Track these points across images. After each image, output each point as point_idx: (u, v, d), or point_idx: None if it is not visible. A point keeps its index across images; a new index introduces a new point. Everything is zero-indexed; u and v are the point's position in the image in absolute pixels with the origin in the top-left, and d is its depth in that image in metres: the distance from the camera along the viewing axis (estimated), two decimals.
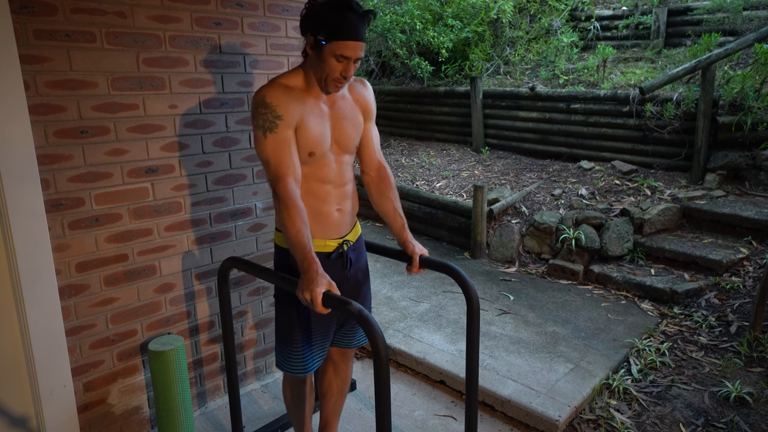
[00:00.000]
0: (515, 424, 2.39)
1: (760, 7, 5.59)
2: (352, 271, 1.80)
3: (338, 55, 1.51)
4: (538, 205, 4.57)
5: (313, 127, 1.62)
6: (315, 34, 1.52)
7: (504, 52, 6.75)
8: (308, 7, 1.55)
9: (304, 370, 1.77)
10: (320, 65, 1.55)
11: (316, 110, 1.64)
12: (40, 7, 1.75)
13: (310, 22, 1.54)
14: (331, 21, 1.49)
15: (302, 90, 1.63)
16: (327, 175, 1.69)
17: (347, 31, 1.49)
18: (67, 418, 1.98)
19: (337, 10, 1.49)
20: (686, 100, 4.53)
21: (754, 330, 2.86)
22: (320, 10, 1.51)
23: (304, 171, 1.66)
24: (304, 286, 1.45)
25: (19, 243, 1.78)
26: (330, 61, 1.53)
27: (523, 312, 3.34)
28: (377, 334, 1.33)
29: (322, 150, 1.65)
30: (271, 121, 1.55)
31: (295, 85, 1.62)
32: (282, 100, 1.56)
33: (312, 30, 1.53)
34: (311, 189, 1.68)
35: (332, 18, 1.48)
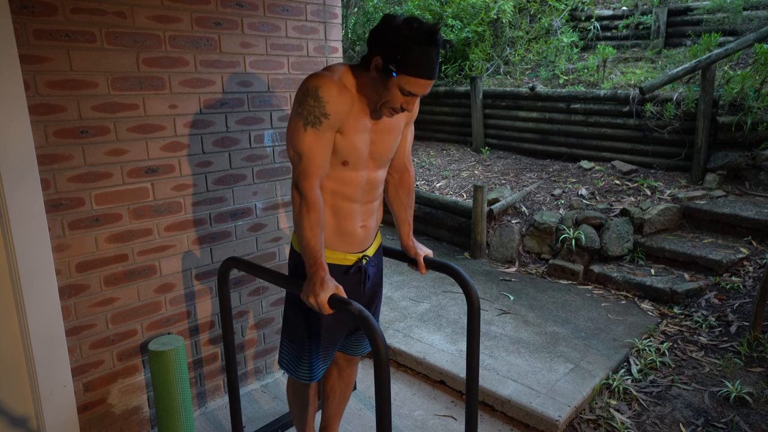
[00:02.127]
0: (515, 424, 2.39)
1: (760, 7, 5.59)
2: (369, 284, 1.76)
3: (406, 90, 1.40)
4: (538, 205, 4.57)
5: (355, 136, 1.52)
6: (387, 60, 1.38)
7: (504, 52, 6.75)
8: (385, 26, 1.39)
9: (309, 378, 1.74)
10: (381, 91, 1.43)
11: (362, 121, 1.53)
12: (40, 7, 1.75)
13: (384, 45, 1.38)
14: (409, 55, 1.35)
15: (353, 96, 1.51)
16: (354, 193, 1.61)
17: (424, 70, 1.37)
18: (67, 418, 1.98)
19: (420, 44, 1.34)
20: (686, 100, 4.53)
21: (754, 330, 2.86)
22: (400, 38, 1.35)
23: (331, 186, 1.57)
24: (310, 290, 1.45)
25: (19, 243, 1.78)
26: (394, 91, 1.41)
27: (523, 312, 3.34)
28: (377, 335, 1.33)
29: (357, 163, 1.56)
30: (317, 116, 1.44)
31: (349, 86, 1.50)
32: (334, 98, 1.44)
33: (385, 54, 1.38)
34: (337, 206, 1.60)
35: (412, 51, 1.34)
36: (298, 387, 1.87)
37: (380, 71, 1.41)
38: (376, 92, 1.46)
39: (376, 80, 1.43)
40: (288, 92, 2.50)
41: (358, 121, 1.52)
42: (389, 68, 1.37)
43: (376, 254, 1.80)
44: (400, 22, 1.37)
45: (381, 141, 1.59)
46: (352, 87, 1.50)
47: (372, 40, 1.43)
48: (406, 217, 1.86)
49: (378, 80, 1.43)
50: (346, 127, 1.50)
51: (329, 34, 2.60)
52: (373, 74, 1.43)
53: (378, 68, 1.41)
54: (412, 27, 1.35)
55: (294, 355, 1.75)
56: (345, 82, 1.49)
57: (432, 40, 1.35)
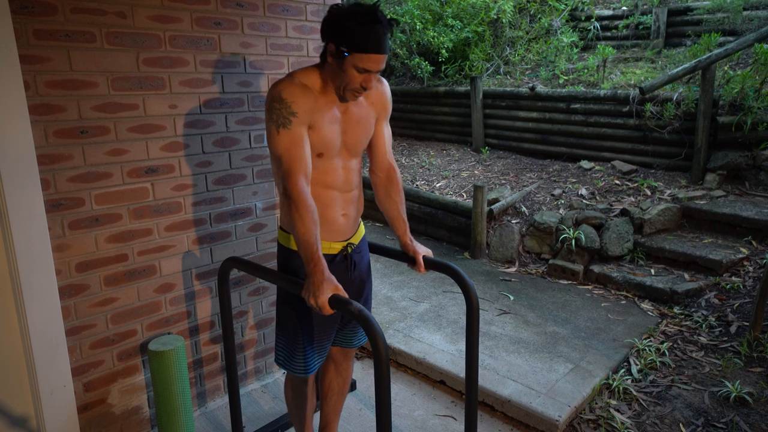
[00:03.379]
0: (515, 424, 2.39)
1: (760, 7, 5.59)
2: (355, 272, 1.80)
3: (360, 67, 1.49)
4: (538, 205, 4.57)
5: (325, 129, 1.60)
6: (337, 44, 1.48)
7: (504, 52, 6.75)
8: (332, 15, 1.51)
9: (305, 371, 1.77)
10: (340, 74, 1.53)
11: (329, 114, 1.61)
12: (40, 7, 1.75)
13: (333, 31, 1.50)
14: (355, 33, 1.45)
15: (317, 91, 1.60)
16: (333, 181, 1.68)
17: (372, 45, 1.47)
18: (67, 418, 1.98)
19: (363, 23, 1.45)
20: (686, 100, 4.53)
21: (754, 330, 2.86)
22: (344, 21, 1.46)
23: (311, 175, 1.63)
24: (311, 290, 1.45)
25: (19, 243, 1.78)
26: (351, 72, 1.50)
27: (523, 312, 3.34)
28: (377, 334, 1.33)
29: (331, 153, 1.64)
30: (285, 116, 1.53)
31: (311, 85, 1.60)
32: (297, 97, 1.54)
33: (335, 39, 1.49)
34: (317, 194, 1.67)
35: (357, 31, 1.45)
36: (296, 383, 1.87)
37: (335, 56, 1.51)
38: (337, 78, 1.55)
39: (334, 67, 1.53)
40: None
41: (326, 114, 1.61)
42: (341, 50, 1.48)
43: (361, 244, 1.85)
44: (344, 9, 1.49)
45: (352, 131, 1.68)
46: (314, 83, 1.60)
47: (323, 31, 1.54)
48: (399, 214, 1.88)
49: (336, 66, 1.53)
50: (315, 121, 1.58)
51: None
52: (330, 62, 1.54)
53: (333, 54, 1.52)
54: (354, 11, 1.46)
55: (288, 349, 1.78)
56: (305, 81, 1.59)
57: (373, 17, 1.46)
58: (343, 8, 1.50)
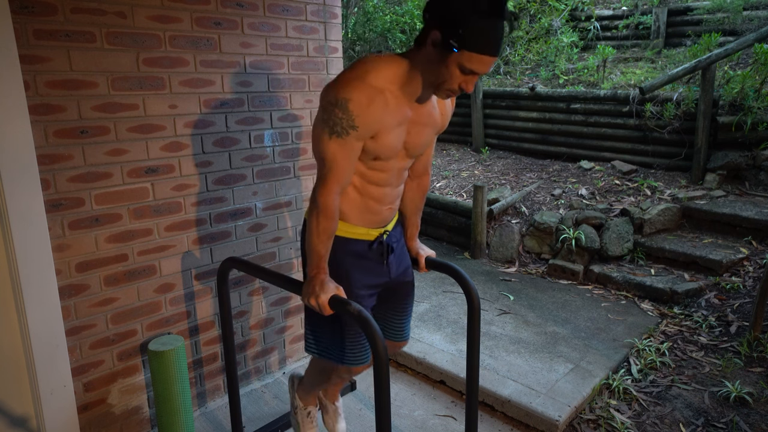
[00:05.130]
0: (515, 424, 2.39)
1: (760, 7, 5.59)
2: (392, 257, 1.71)
3: (467, 68, 1.26)
4: (538, 205, 4.57)
5: (390, 135, 1.43)
6: (446, 35, 1.22)
7: (504, 52, 6.75)
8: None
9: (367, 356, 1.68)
10: (438, 69, 1.30)
11: (399, 116, 1.42)
12: (40, 7, 1.75)
13: (444, 17, 1.22)
14: (474, 28, 1.20)
15: (393, 91, 1.38)
16: (386, 180, 1.56)
17: (489, 45, 1.23)
18: (67, 418, 1.98)
19: (487, 16, 1.19)
20: (686, 100, 4.53)
21: (754, 330, 2.86)
22: (464, 9, 1.19)
23: (361, 170, 1.51)
24: (311, 291, 1.45)
25: (19, 243, 1.78)
26: (453, 69, 1.27)
27: (523, 312, 3.34)
28: (377, 335, 1.33)
29: (389, 156, 1.49)
30: (344, 127, 1.35)
31: (386, 85, 1.36)
32: (364, 109, 1.33)
33: (444, 26, 1.22)
34: (367, 190, 1.56)
35: (477, 25, 1.19)
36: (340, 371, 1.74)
37: (438, 47, 1.26)
38: (431, 71, 1.32)
39: (433, 57, 1.29)
40: (288, 92, 2.50)
41: (396, 117, 1.41)
42: (449, 43, 1.22)
43: (396, 229, 1.77)
44: None
45: (417, 133, 1.50)
46: (392, 81, 1.37)
47: (429, 10, 1.27)
48: (416, 220, 1.86)
49: (435, 57, 1.28)
50: (380, 131, 1.40)
51: (329, 34, 2.60)
52: (429, 50, 1.29)
53: (435, 44, 1.26)
54: None
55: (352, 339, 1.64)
56: (380, 82, 1.36)
57: (499, 10, 1.20)
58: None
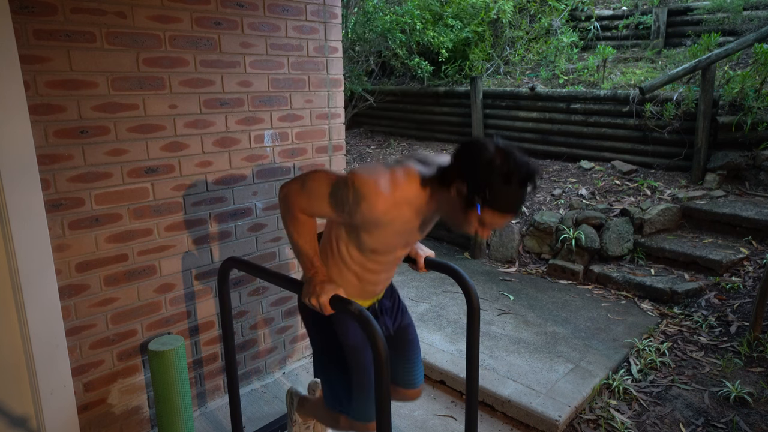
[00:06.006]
0: (515, 424, 2.39)
1: (760, 7, 5.59)
2: (384, 318, 1.74)
3: (487, 222, 1.31)
4: (538, 205, 4.57)
5: (389, 238, 1.45)
6: (473, 191, 1.26)
7: (504, 52, 6.75)
8: (478, 158, 1.26)
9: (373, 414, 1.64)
10: (458, 214, 1.33)
11: (409, 226, 1.44)
12: (40, 7, 1.75)
13: (474, 177, 1.26)
14: (499, 194, 1.24)
15: (408, 210, 1.39)
16: (384, 268, 1.58)
17: (512, 208, 1.28)
18: (67, 418, 1.98)
19: (511, 184, 1.24)
20: (686, 100, 4.53)
21: (754, 330, 2.86)
22: (493, 176, 1.24)
23: (361, 260, 1.53)
24: (311, 291, 1.46)
25: (19, 243, 1.78)
26: (473, 219, 1.31)
27: (523, 312, 3.34)
28: (377, 335, 1.33)
29: (387, 252, 1.52)
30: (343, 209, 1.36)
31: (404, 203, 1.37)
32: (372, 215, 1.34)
33: (472, 184, 1.26)
34: (365, 277, 1.57)
35: (502, 191, 1.24)
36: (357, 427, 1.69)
37: (460, 196, 1.30)
38: (449, 212, 1.37)
39: (454, 202, 1.33)
40: (288, 92, 2.50)
41: (407, 226, 1.43)
42: (473, 201, 1.27)
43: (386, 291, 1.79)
44: (494, 154, 1.25)
45: (419, 234, 1.52)
46: (410, 202, 1.38)
47: (459, 164, 1.30)
48: None
49: (456, 203, 1.32)
50: (378, 233, 1.42)
51: (329, 34, 2.60)
52: (453, 195, 1.32)
53: (460, 193, 1.30)
54: (508, 166, 1.24)
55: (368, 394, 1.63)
56: (399, 200, 1.36)
57: (525, 179, 1.25)
58: (492, 153, 1.25)
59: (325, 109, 2.68)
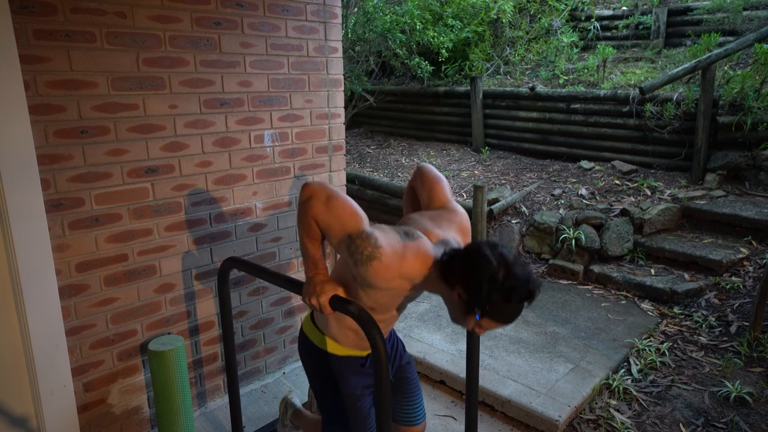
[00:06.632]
0: (515, 424, 2.39)
1: (760, 7, 5.59)
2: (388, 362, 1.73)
3: (483, 325, 1.32)
4: (538, 205, 4.57)
5: (388, 299, 1.47)
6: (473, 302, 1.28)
7: (504, 52, 6.75)
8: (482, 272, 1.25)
9: None
10: (457, 312, 1.35)
11: (405, 294, 1.46)
12: (40, 7, 1.75)
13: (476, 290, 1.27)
14: (497, 307, 1.26)
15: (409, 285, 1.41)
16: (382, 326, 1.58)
17: (509, 319, 1.30)
18: (67, 418, 1.98)
19: (512, 301, 1.25)
20: (686, 100, 4.53)
21: (754, 330, 2.86)
22: (496, 293, 1.24)
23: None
24: (311, 291, 1.46)
25: (19, 243, 1.78)
26: (470, 321, 1.33)
27: (522, 312, 3.34)
28: (377, 335, 1.33)
29: (384, 311, 1.53)
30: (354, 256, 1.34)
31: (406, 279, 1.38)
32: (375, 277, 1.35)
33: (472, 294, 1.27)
34: (361, 334, 1.57)
35: (501, 306, 1.26)
36: None
37: (462, 301, 1.31)
38: (448, 303, 1.38)
39: (454, 301, 1.34)
40: (288, 92, 2.50)
41: (399, 294, 1.44)
42: (473, 310, 1.29)
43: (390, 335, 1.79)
44: (497, 269, 1.25)
45: (412, 296, 1.53)
46: (412, 279, 1.39)
47: (462, 272, 1.30)
48: None
49: (456, 302, 1.34)
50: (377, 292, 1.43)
51: (329, 34, 2.60)
52: (453, 295, 1.34)
53: (461, 298, 1.31)
54: (509, 283, 1.24)
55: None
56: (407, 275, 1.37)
57: (524, 296, 1.26)
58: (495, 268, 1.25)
59: (325, 109, 2.68)
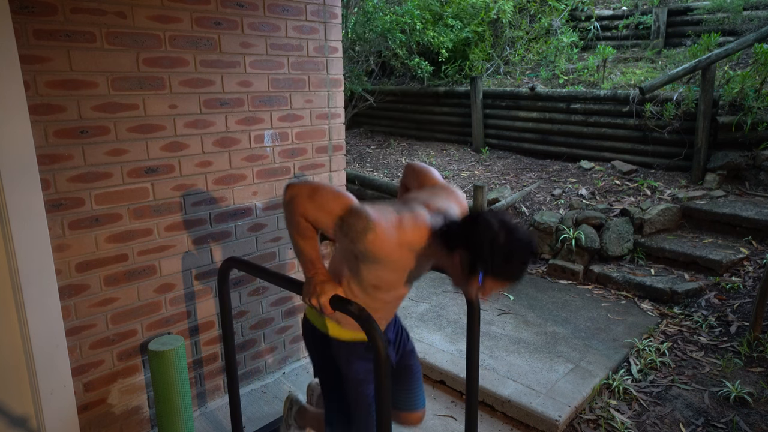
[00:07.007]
0: (515, 424, 2.39)
1: (760, 7, 5.59)
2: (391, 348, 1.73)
3: (486, 288, 1.34)
4: (538, 205, 4.57)
5: (392, 275, 1.45)
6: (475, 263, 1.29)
7: (504, 52, 6.75)
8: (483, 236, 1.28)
9: None
10: (460, 277, 1.36)
11: (408, 268, 1.45)
12: (40, 7, 1.75)
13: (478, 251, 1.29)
14: (499, 267, 1.29)
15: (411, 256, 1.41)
16: (383, 306, 1.57)
17: (512, 278, 1.32)
18: (67, 418, 1.98)
19: (513, 261, 1.29)
20: (686, 100, 4.53)
21: (754, 330, 2.86)
22: (497, 254, 1.27)
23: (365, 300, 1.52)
24: (311, 291, 1.46)
25: (19, 243, 1.78)
26: (474, 284, 1.34)
27: (523, 312, 3.34)
28: (377, 335, 1.33)
29: (389, 289, 1.52)
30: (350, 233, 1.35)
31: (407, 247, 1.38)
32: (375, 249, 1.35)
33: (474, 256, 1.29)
34: None
35: (503, 266, 1.28)
36: None
37: (463, 264, 1.33)
38: (450, 269, 1.39)
39: (456, 266, 1.35)
40: (288, 92, 2.50)
41: (402, 267, 1.44)
42: (475, 271, 1.30)
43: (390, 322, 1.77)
44: (497, 232, 1.28)
45: (423, 265, 1.52)
46: (412, 248, 1.39)
47: (463, 235, 1.32)
48: None
49: (458, 267, 1.35)
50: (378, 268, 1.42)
51: (329, 34, 2.61)
52: (455, 260, 1.35)
53: (463, 262, 1.33)
54: (510, 244, 1.27)
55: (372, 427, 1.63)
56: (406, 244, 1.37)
57: (529, 257, 1.31)
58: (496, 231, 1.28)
59: (325, 109, 2.68)
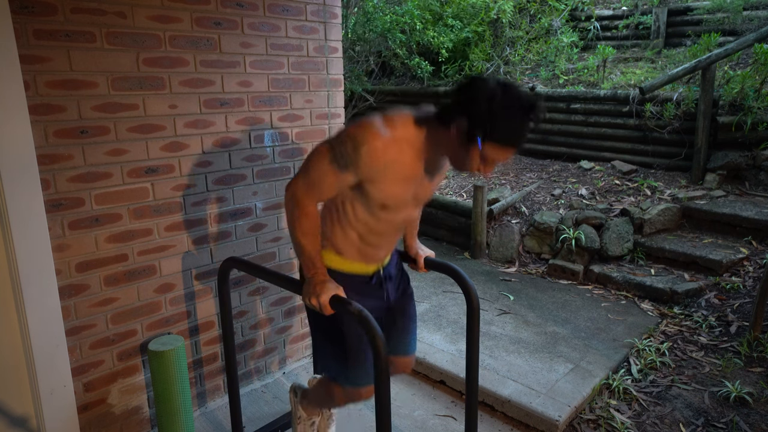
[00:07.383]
0: (515, 424, 2.39)
1: (760, 7, 5.59)
2: (389, 285, 1.73)
3: (489, 157, 1.29)
4: (538, 205, 4.57)
5: (396, 187, 1.42)
6: (472, 127, 1.24)
7: (504, 52, 6.75)
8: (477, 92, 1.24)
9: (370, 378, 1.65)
10: (459, 152, 1.32)
11: (410, 172, 1.42)
12: (40, 7, 1.75)
13: (473, 111, 1.24)
14: (501, 125, 1.23)
15: (410, 150, 1.38)
16: (386, 230, 1.55)
17: (514, 140, 1.26)
18: (67, 418, 1.98)
19: (513, 114, 1.22)
20: (686, 100, 4.53)
21: (754, 330, 2.86)
22: (494, 107, 1.22)
23: (368, 221, 1.50)
24: (311, 291, 1.46)
25: (19, 243, 1.78)
26: (474, 156, 1.29)
27: (523, 312, 3.34)
28: (377, 334, 1.33)
29: (397, 206, 1.48)
30: (347, 163, 1.35)
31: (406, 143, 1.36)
32: (373, 158, 1.33)
33: (472, 118, 1.24)
34: (369, 239, 1.55)
35: (505, 123, 1.22)
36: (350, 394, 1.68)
37: (461, 133, 1.28)
38: (451, 151, 1.35)
39: (455, 140, 1.31)
40: (288, 92, 2.50)
41: (406, 172, 1.41)
42: (474, 135, 1.25)
43: (392, 257, 1.78)
44: (494, 87, 1.23)
45: (429, 185, 1.51)
46: (411, 143, 1.37)
47: (457, 101, 1.28)
48: (417, 216, 1.86)
49: (457, 141, 1.30)
50: (384, 181, 1.39)
51: (329, 34, 2.61)
52: (453, 133, 1.30)
53: (460, 130, 1.28)
54: (509, 97, 1.22)
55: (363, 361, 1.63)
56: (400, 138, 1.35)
57: (531, 112, 1.23)
58: (493, 87, 1.23)
59: (325, 109, 2.68)
